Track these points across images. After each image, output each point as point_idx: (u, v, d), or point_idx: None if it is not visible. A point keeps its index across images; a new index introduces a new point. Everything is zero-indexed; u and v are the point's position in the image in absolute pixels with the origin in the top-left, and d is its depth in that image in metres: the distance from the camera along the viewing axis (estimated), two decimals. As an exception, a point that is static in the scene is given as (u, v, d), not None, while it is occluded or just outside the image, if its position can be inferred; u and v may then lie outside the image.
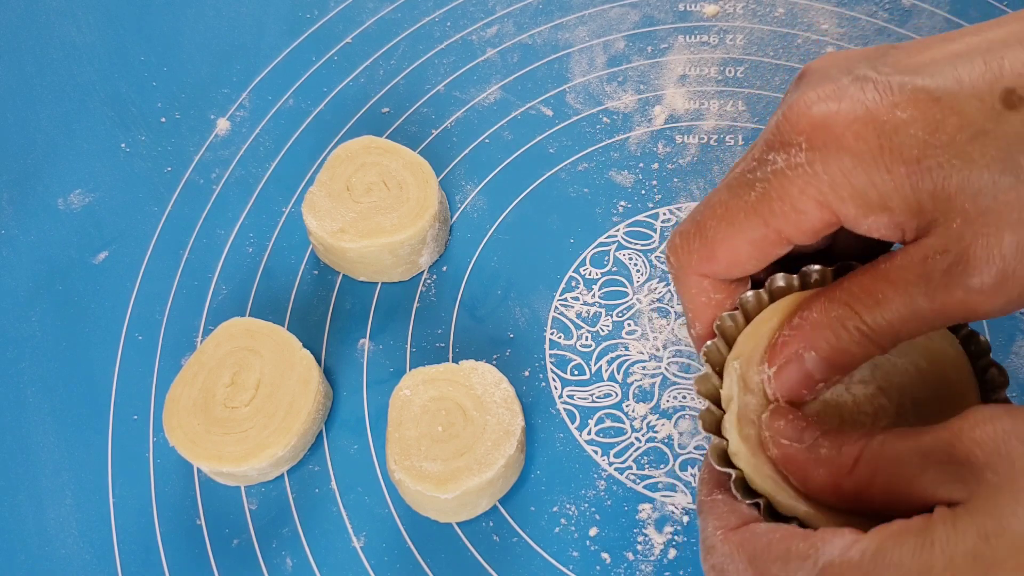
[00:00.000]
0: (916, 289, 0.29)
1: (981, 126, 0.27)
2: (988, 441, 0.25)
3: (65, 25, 0.64)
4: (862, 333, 0.30)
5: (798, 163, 0.29)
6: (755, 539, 0.29)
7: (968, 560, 0.24)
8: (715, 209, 0.32)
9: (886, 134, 0.28)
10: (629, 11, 0.62)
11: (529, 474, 0.47)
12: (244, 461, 0.45)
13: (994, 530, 0.24)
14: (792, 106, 0.30)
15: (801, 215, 0.30)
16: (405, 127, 0.58)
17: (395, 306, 0.52)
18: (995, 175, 0.27)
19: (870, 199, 0.29)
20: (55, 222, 0.56)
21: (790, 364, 0.32)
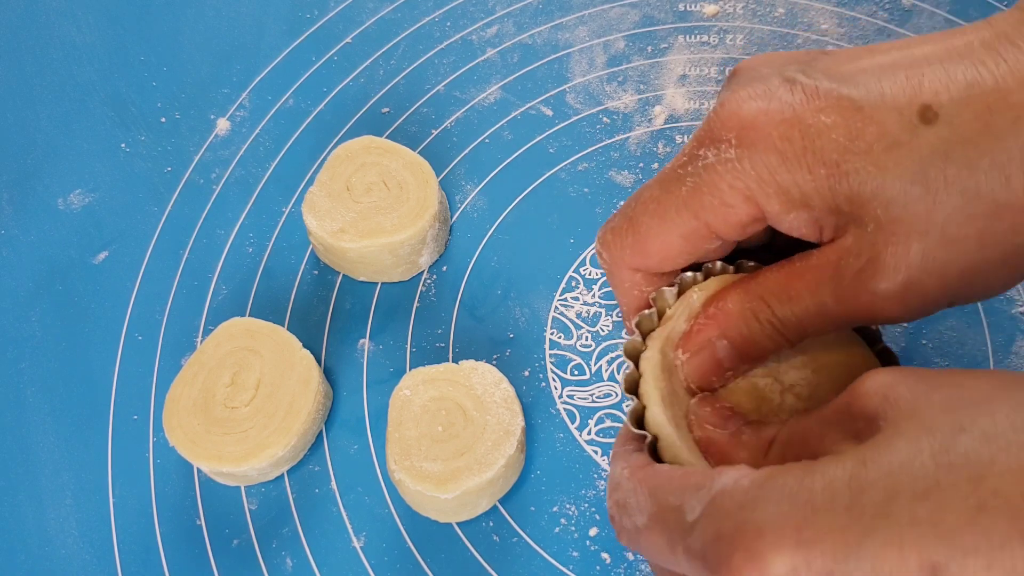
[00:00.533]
0: (826, 289, 0.30)
1: (897, 137, 0.29)
2: (878, 392, 0.27)
3: (65, 25, 0.64)
4: (772, 326, 0.32)
5: (727, 158, 0.31)
6: (657, 475, 0.30)
7: (844, 482, 0.25)
8: (647, 204, 0.33)
9: (810, 136, 0.29)
10: (629, 11, 0.62)
11: (529, 474, 0.47)
12: (244, 461, 0.45)
13: (871, 457, 0.25)
14: (724, 104, 0.31)
15: (729, 209, 0.31)
16: (405, 127, 0.58)
17: (395, 306, 0.52)
18: (907, 185, 0.28)
19: (792, 196, 0.30)
20: (55, 222, 0.56)
21: (703, 351, 0.33)
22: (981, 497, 0.23)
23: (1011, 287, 0.31)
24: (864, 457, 0.25)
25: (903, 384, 0.27)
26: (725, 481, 0.27)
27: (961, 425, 0.24)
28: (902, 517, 0.23)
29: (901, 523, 0.23)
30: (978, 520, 0.23)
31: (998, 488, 0.23)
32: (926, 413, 0.25)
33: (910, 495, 0.24)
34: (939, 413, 0.25)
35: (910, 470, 0.24)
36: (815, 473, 0.25)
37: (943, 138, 0.28)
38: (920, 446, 0.24)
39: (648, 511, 0.30)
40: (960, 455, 0.24)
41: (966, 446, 0.24)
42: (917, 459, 0.24)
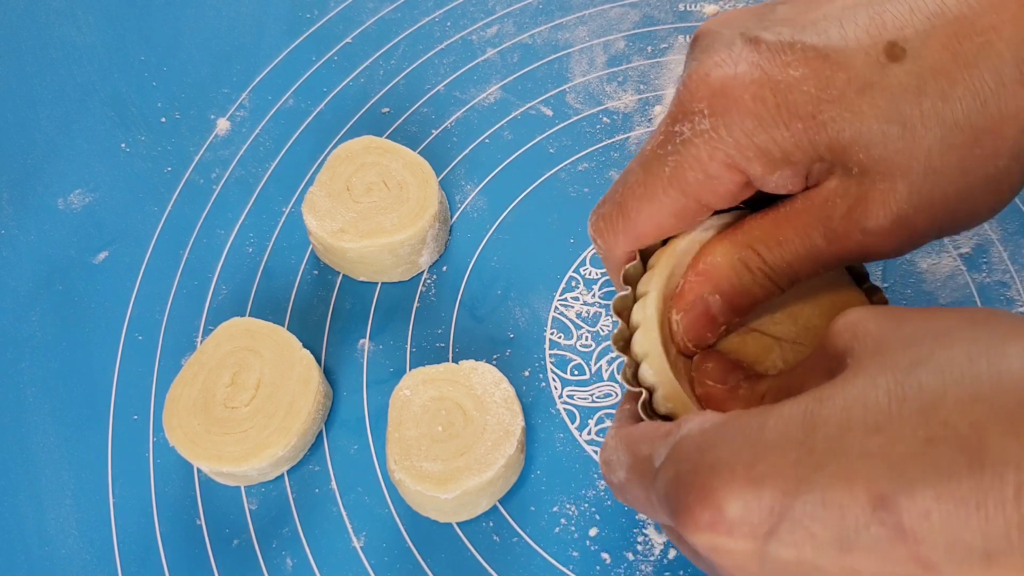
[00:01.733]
0: (815, 231, 0.30)
1: (868, 79, 0.28)
2: (847, 329, 0.27)
3: (65, 25, 0.64)
4: (763, 273, 0.32)
5: (703, 130, 0.30)
6: (636, 429, 0.31)
7: (798, 419, 0.25)
8: (634, 189, 0.33)
9: (781, 92, 0.29)
10: (629, 11, 0.62)
11: (529, 474, 0.47)
12: (244, 461, 0.45)
13: (828, 394, 0.25)
14: (691, 75, 0.31)
15: (714, 180, 0.31)
16: (405, 127, 0.58)
17: (395, 306, 0.52)
18: (884, 126, 0.28)
19: (773, 155, 0.30)
20: (55, 222, 0.56)
21: (696, 308, 0.33)
22: (931, 429, 0.23)
23: (997, 212, 0.31)
24: (821, 394, 0.25)
25: (872, 320, 0.27)
26: (690, 427, 0.27)
27: (918, 359, 0.24)
28: (852, 451, 0.23)
29: (851, 456, 0.23)
30: (927, 452, 0.23)
31: (947, 419, 0.23)
32: (889, 348, 0.25)
33: (862, 429, 0.24)
34: (900, 348, 0.25)
35: (864, 405, 0.24)
36: (772, 411, 0.25)
37: (913, 73, 0.28)
38: (877, 381, 0.24)
39: (626, 464, 0.30)
40: (914, 388, 0.24)
41: (920, 379, 0.24)
42: (872, 393, 0.24)
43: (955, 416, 0.23)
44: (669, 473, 0.27)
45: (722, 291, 0.33)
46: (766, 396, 0.31)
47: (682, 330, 0.34)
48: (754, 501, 0.24)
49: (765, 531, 0.24)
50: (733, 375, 0.33)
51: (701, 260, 0.33)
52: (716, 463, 0.25)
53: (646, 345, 0.33)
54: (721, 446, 0.25)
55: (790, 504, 0.24)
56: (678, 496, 0.26)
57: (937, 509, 0.22)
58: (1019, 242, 0.51)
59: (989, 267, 0.51)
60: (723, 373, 0.33)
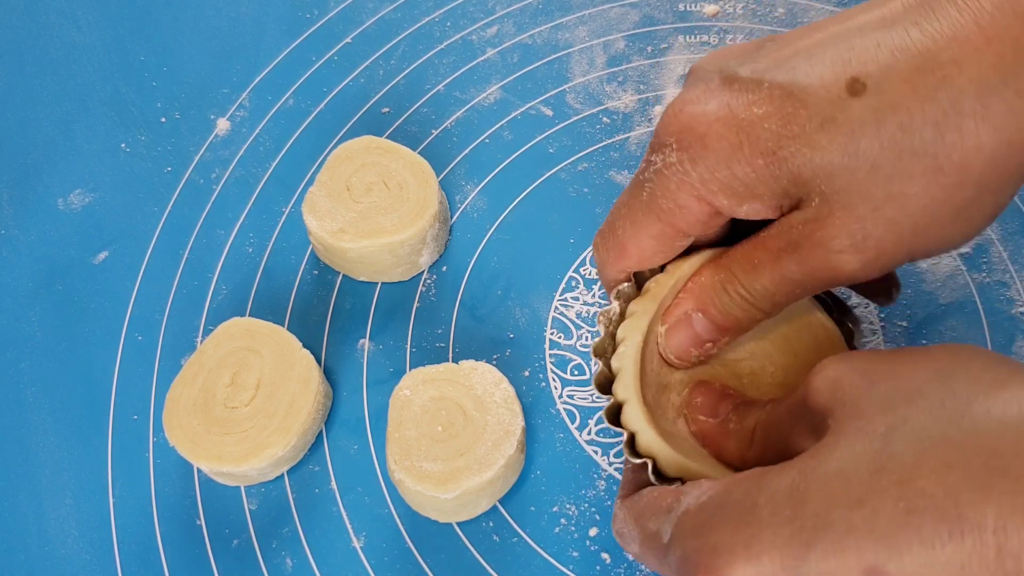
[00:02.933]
0: (786, 255, 0.32)
1: (829, 115, 0.30)
2: (826, 389, 0.29)
3: (65, 25, 0.64)
4: (741, 296, 0.33)
5: (671, 163, 0.32)
6: (639, 501, 0.32)
7: (785, 495, 0.26)
8: (620, 210, 0.35)
9: (744, 130, 0.30)
10: (629, 11, 0.62)
11: (529, 474, 0.47)
12: (244, 461, 0.45)
13: (812, 466, 0.27)
14: (667, 110, 0.33)
15: (684, 209, 0.33)
16: (405, 127, 0.58)
17: (395, 306, 0.52)
18: (843, 159, 0.29)
19: (737, 190, 0.31)
20: (55, 222, 0.56)
21: (680, 324, 0.35)
22: (910, 500, 0.24)
23: (972, 238, 0.32)
24: (805, 467, 0.27)
25: (847, 378, 0.28)
26: (688, 502, 0.29)
27: (893, 425, 0.26)
28: (840, 526, 0.25)
29: (839, 532, 0.25)
30: (909, 521, 0.24)
31: (925, 489, 0.24)
32: (865, 413, 0.27)
33: (846, 503, 0.25)
34: (876, 412, 0.27)
35: (845, 478, 0.26)
36: (761, 487, 0.27)
37: (872, 107, 0.29)
38: (856, 451, 0.26)
39: (637, 539, 0.32)
40: (891, 458, 0.25)
41: (896, 448, 0.25)
42: (852, 465, 0.26)
43: (931, 486, 0.24)
44: (677, 553, 0.29)
45: (704, 310, 0.34)
46: (756, 435, 0.32)
47: (666, 343, 0.35)
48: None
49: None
50: (723, 405, 0.34)
51: (691, 280, 0.35)
52: (718, 544, 0.27)
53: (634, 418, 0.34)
54: (720, 527, 0.27)
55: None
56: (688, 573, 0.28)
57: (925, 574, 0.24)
58: (1019, 242, 0.51)
59: (989, 267, 0.51)
60: (713, 405, 0.35)
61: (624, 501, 0.33)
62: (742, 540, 0.26)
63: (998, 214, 0.32)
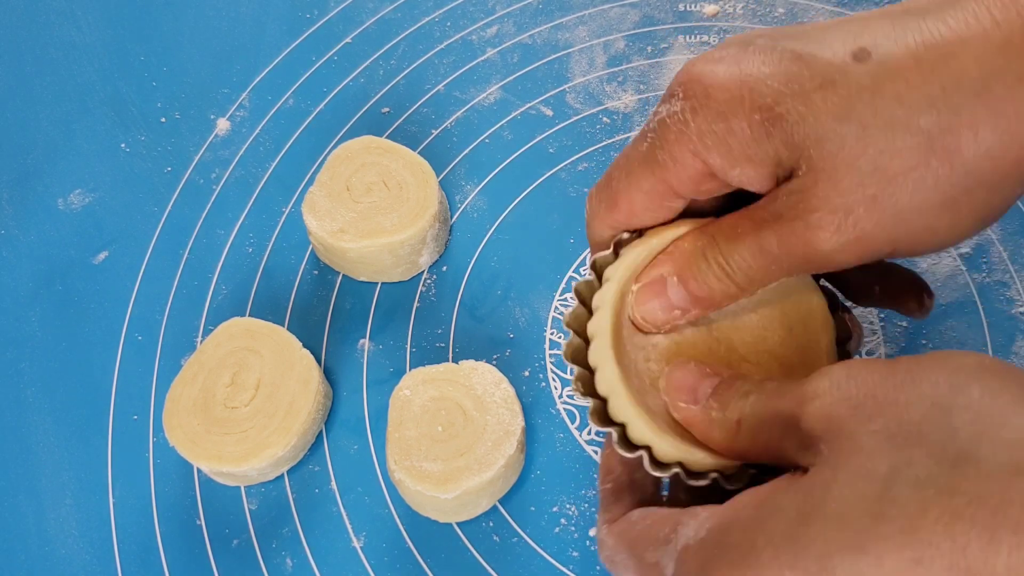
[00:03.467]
0: (767, 226, 0.31)
1: (829, 77, 0.29)
2: (824, 415, 0.28)
3: (65, 25, 0.64)
4: (719, 266, 0.32)
5: (674, 111, 0.32)
6: (632, 528, 0.32)
7: (784, 538, 0.26)
8: (619, 161, 0.34)
9: (747, 85, 0.30)
10: (629, 11, 0.62)
11: (529, 474, 0.47)
12: (244, 461, 0.45)
13: (810, 507, 0.26)
14: (682, 66, 0.32)
15: (679, 165, 0.32)
16: (405, 127, 0.58)
17: (395, 306, 0.52)
18: (835, 123, 0.29)
19: (732, 148, 0.31)
20: (55, 222, 0.56)
21: (653, 286, 0.34)
22: (917, 550, 0.24)
23: (961, 236, 0.31)
24: (803, 507, 0.26)
25: (843, 407, 0.27)
26: (688, 535, 0.29)
27: (895, 468, 0.25)
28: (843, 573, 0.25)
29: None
30: (917, 572, 0.24)
31: (931, 540, 0.24)
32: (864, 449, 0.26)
33: (849, 550, 0.25)
34: (875, 451, 0.26)
35: (846, 523, 0.25)
36: (761, 527, 0.27)
37: (873, 73, 0.29)
38: (857, 492, 0.25)
39: (634, 568, 0.31)
40: (893, 504, 0.25)
41: (899, 493, 0.25)
42: (853, 509, 0.25)
43: (938, 537, 0.24)
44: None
45: (681, 275, 0.33)
46: (742, 430, 0.31)
47: (636, 302, 0.34)
48: None
49: None
50: (702, 386, 0.33)
51: (672, 243, 0.34)
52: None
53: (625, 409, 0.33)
54: (722, 568, 0.27)
55: None
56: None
57: None
58: (1019, 242, 0.51)
59: (989, 267, 0.51)
60: (692, 386, 0.33)
61: (612, 528, 0.33)
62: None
63: (992, 217, 0.31)
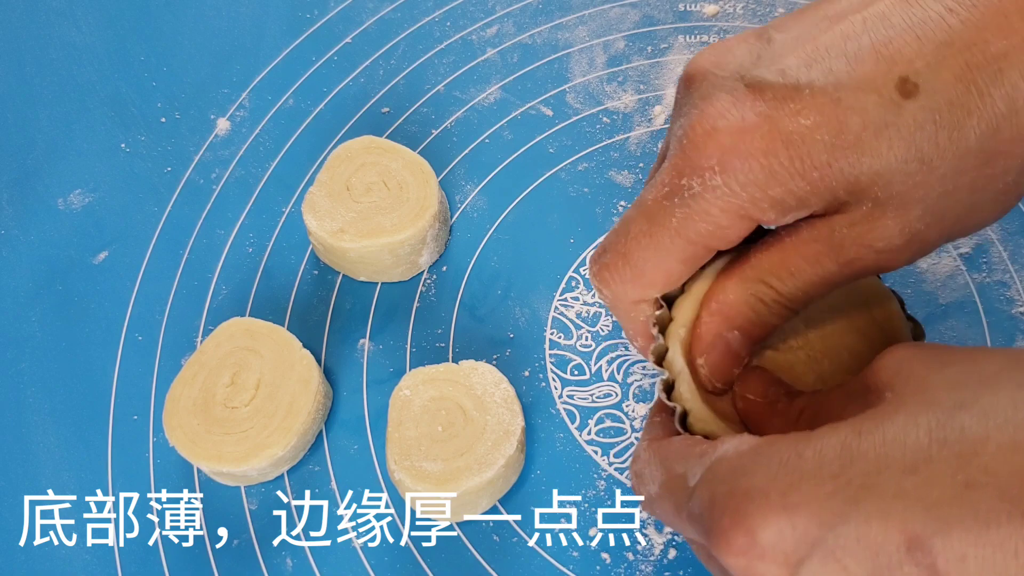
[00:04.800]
0: (827, 258, 0.31)
1: (883, 120, 0.28)
2: (892, 366, 0.27)
3: (65, 25, 0.64)
4: (779, 304, 0.32)
5: (714, 186, 0.30)
6: (670, 445, 0.31)
7: (835, 450, 0.25)
8: (639, 239, 0.33)
9: (794, 144, 0.29)
10: (629, 11, 0.62)
11: (529, 474, 0.47)
12: (244, 461, 0.45)
13: (868, 428, 0.25)
14: (694, 127, 0.30)
15: (726, 229, 0.31)
16: (405, 127, 0.58)
17: (395, 306, 0.52)
18: (901, 164, 0.29)
19: (788, 204, 0.30)
20: (55, 222, 0.56)
21: (716, 349, 0.33)
22: (970, 474, 0.23)
23: (1001, 216, 0.32)
24: (860, 427, 0.25)
25: (917, 359, 0.27)
26: (726, 448, 0.28)
27: (962, 402, 0.25)
28: (888, 489, 0.24)
29: (886, 495, 0.24)
30: (965, 496, 0.23)
31: (988, 466, 0.23)
32: (932, 388, 0.25)
33: (900, 468, 0.24)
34: (944, 389, 0.25)
35: (903, 443, 0.24)
36: (809, 440, 0.26)
37: (928, 108, 0.28)
38: (918, 420, 0.25)
39: (659, 480, 0.30)
40: (955, 431, 0.24)
41: (963, 422, 0.24)
42: (912, 433, 0.24)
43: (996, 463, 0.23)
44: (704, 494, 0.27)
45: (739, 327, 0.33)
46: (803, 413, 0.31)
47: (708, 372, 0.34)
48: (788, 529, 0.24)
49: (798, 559, 0.24)
50: (773, 389, 0.33)
51: (713, 299, 0.33)
52: (751, 489, 0.25)
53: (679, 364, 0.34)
54: (757, 472, 0.26)
55: (824, 535, 0.24)
56: (713, 518, 0.26)
57: (974, 554, 0.22)
58: (1019, 242, 0.51)
59: (989, 267, 0.51)
60: (764, 387, 0.33)
61: (652, 443, 0.32)
62: (779, 488, 0.25)
63: None
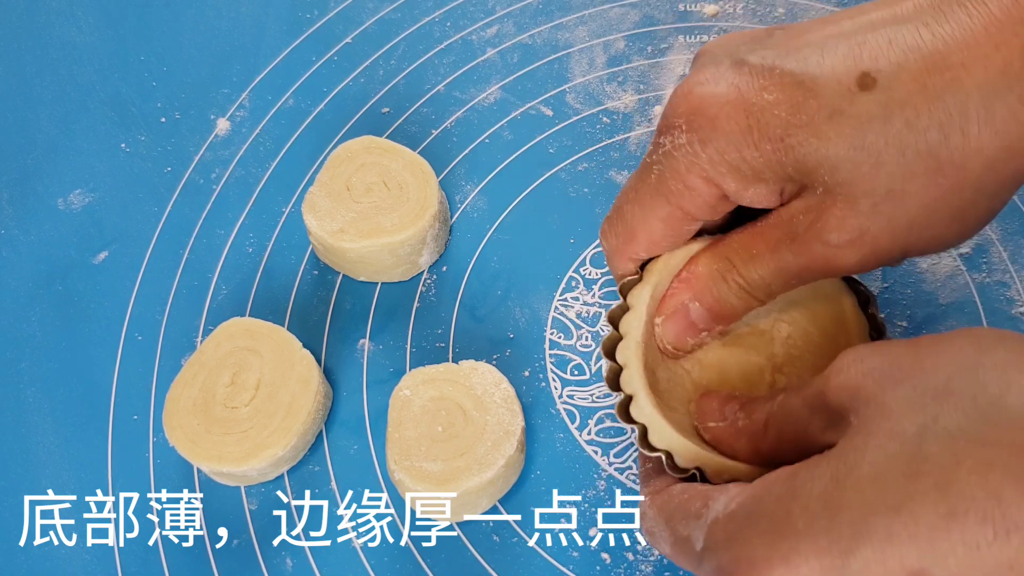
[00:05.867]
0: (783, 245, 0.32)
1: (837, 106, 0.30)
2: (850, 386, 0.28)
3: (65, 25, 0.64)
4: (739, 286, 0.34)
5: (680, 144, 0.32)
6: (670, 501, 0.32)
7: (819, 503, 0.26)
8: (628, 194, 0.35)
9: (754, 115, 0.31)
10: (629, 11, 0.62)
11: (529, 474, 0.47)
12: (244, 461, 0.45)
13: (844, 472, 0.26)
14: (676, 91, 0.33)
15: (693, 191, 0.33)
16: (405, 127, 0.58)
17: (395, 306, 0.52)
18: (849, 152, 0.30)
19: (744, 173, 0.31)
20: (55, 222, 0.56)
21: (676, 314, 0.35)
22: (950, 503, 0.24)
23: (966, 239, 0.33)
24: (836, 472, 0.26)
25: (870, 377, 0.28)
26: (717, 509, 0.29)
27: (924, 425, 0.25)
28: (879, 534, 0.25)
29: (879, 539, 0.25)
30: (951, 526, 0.24)
31: (964, 490, 0.24)
32: (893, 413, 0.26)
33: (884, 510, 0.25)
34: (905, 412, 0.26)
35: (881, 483, 0.25)
36: (794, 494, 0.27)
37: (881, 102, 0.29)
38: (888, 453, 0.26)
39: (668, 541, 0.32)
40: (926, 460, 0.25)
41: (930, 449, 0.25)
42: (886, 469, 0.25)
43: (972, 487, 0.24)
44: (711, 564, 0.28)
45: (701, 299, 0.35)
46: (769, 429, 0.32)
47: (663, 333, 0.36)
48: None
49: None
50: (729, 407, 0.34)
51: (686, 269, 0.35)
52: (753, 557, 0.27)
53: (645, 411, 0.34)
54: (753, 538, 0.27)
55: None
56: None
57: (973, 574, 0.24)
58: (1019, 242, 0.51)
59: (989, 267, 0.51)
60: (719, 408, 0.34)
61: (654, 499, 0.33)
62: (779, 553, 0.26)
63: (992, 218, 0.32)
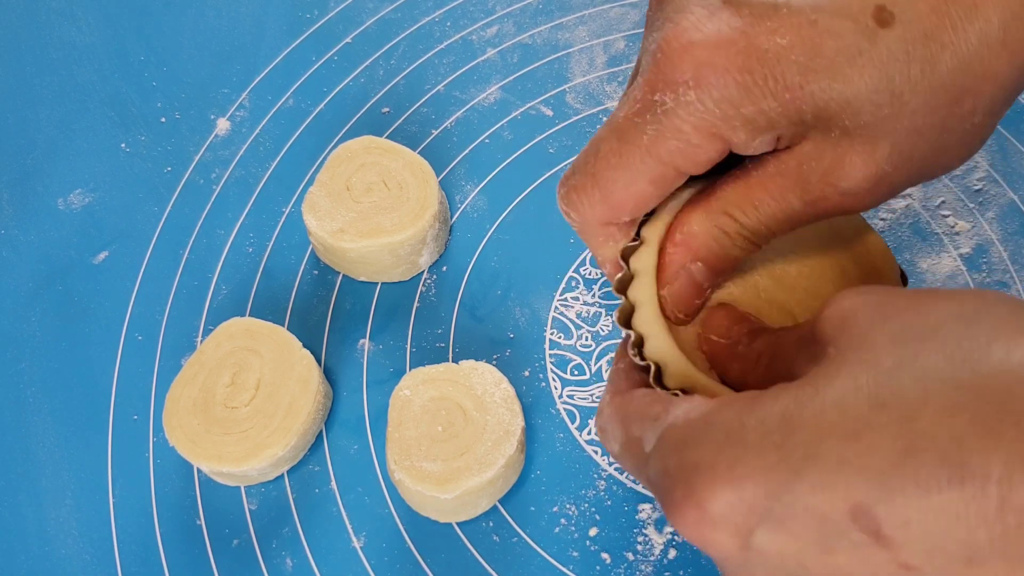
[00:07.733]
0: (791, 194, 0.31)
1: (858, 47, 0.28)
2: (836, 318, 0.27)
3: (65, 25, 0.64)
4: (741, 236, 0.32)
5: (688, 101, 0.30)
6: (630, 402, 0.31)
7: (776, 419, 0.25)
8: (608, 159, 0.32)
9: (769, 63, 0.29)
10: (629, 11, 0.62)
11: (529, 474, 0.47)
12: (244, 461, 0.45)
13: (808, 395, 0.25)
14: (669, 41, 0.30)
15: (696, 148, 0.31)
16: (405, 127, 0.58)
17: (395, 306, 0.52)
18: (873, 94, 0.28)
19: (758, 124, 0.30)
20: (55, 222, 0.56)
21: (679, 279, 0.34)
22: (910, 440, 0.23)
23: (965, 161, 0.32)
24: (800, 393, 0.25)
25: (862, 310, 0.27)
26: (676, 414, 0.28)
27: (902, 360, 0.24)
28: (830, 458, 0.23)
29: (829, 464, 0.23)
30: (906, 462, 0.22)
31: (927, 430, 0.23)
32: (873, 345, 0.25)
33: (840, 435, 0.24)
34: (885, 346, 0.25)
35: (843, 409, 0.24)
36: (752, 410, 0.26)
37: (902, 39, 0.28)
38: (858, 382, 0.24)
39: (620, 439, 0.31)
40: (894, 394, 0.24)
41: (902, 384, 0.24)
42: (851, 397, 0.24)
43: (935, 427, 0.23)
44: (657, 466, 0.27)
45: (703, 258, 0.33)
46: (761, 357, 0.31)
47: (671, 303, 0.34)
48: (736, 501, 0.25)
49: (748, 529, 0.25)
50: (736, 328, 0.33)
51: (677, 230, 0.33)
52: (699, 463, 0.26)
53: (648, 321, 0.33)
54: (704, 445, 0.26)
55: (771, 506, 0.24)
56: (665, 489, 0.27)
57: (917, 519, 0.22)
58: (1019, 242, 0.51)
59: (989, 267, 0.51)
60: (728, 326, 0.33)
61: (613, 399, 0.32)
62: (725, 461, 0.25)
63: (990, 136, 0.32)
